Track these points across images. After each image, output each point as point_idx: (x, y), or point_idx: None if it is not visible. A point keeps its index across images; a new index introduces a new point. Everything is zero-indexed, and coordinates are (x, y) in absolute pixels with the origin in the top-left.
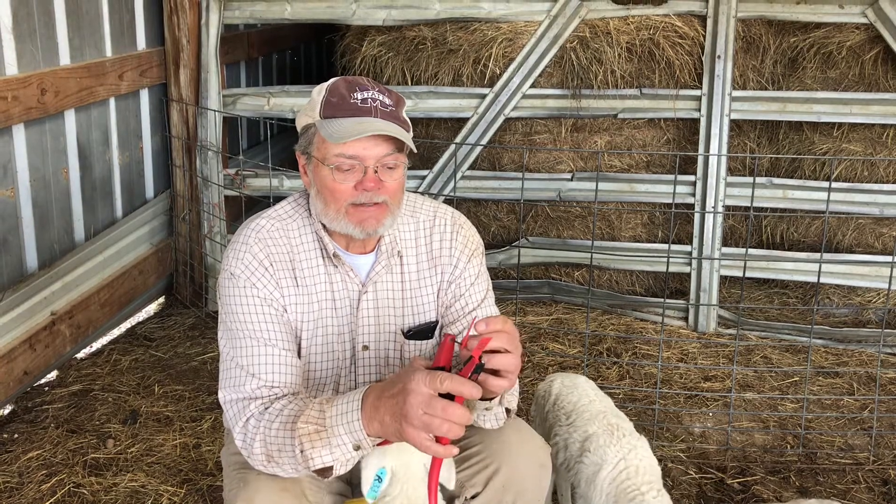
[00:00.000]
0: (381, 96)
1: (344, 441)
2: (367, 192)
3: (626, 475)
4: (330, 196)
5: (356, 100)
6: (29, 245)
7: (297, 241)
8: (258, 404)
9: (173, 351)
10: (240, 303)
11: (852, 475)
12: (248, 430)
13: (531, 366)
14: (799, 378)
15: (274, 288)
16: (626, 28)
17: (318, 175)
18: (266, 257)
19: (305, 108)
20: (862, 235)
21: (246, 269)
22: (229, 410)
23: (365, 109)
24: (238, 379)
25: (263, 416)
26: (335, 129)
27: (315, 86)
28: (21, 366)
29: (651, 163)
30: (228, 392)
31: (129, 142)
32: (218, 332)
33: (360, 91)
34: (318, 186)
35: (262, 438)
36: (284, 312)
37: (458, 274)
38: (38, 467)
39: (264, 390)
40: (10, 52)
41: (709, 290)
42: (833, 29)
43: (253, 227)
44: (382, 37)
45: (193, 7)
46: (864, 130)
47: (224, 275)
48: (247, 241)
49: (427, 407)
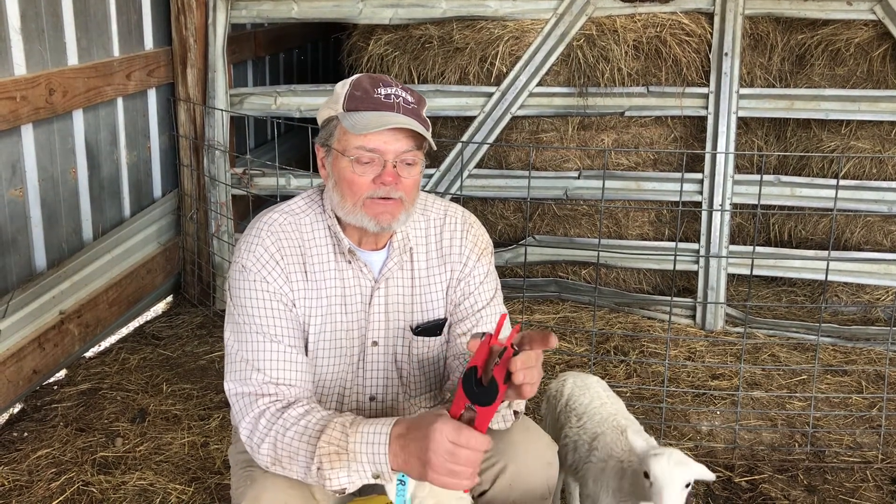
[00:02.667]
0: (404, 94)
1: (364, 469)
2: (385, 187)
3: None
4: (348, 188)
5: (379, 94)
6: (38, 244)
7: (309, 235)
8: (267, 402)
9: (181, 350)
10: (249, 296)
11: (861, 473)
12: (257, 428)
13: None
14: (807, 376)
15: (284, 282)
16: (632, 26)
17: (337, 167)
18: (277, 251)
19: (328, 101)
20: (870, 233)
21: (257, 262)
22: (236, 404)
23: (388, 104)
24: (244, 373)
25: (277, 420)
26: (357, 121)
27: (322, 85)
28: (30, 364)
29: (658, 161)
30: (235, 385)
31: (136, 141)
32: (225, 324)
33: (383, 87)
34: (336, 178)
35: (272, 442)
36: (293, 307)
37: (467, 272)
38: (48, 466)
39: (270, 386)
40: (19, 52)
41: (716, 288)
42: (841, 26)
43: (266, 221)
44: (389, 35)
45: (200, 7)
46: (873, 128)
47: (235, 267)
48: (259, 234)
49: (451, 457)
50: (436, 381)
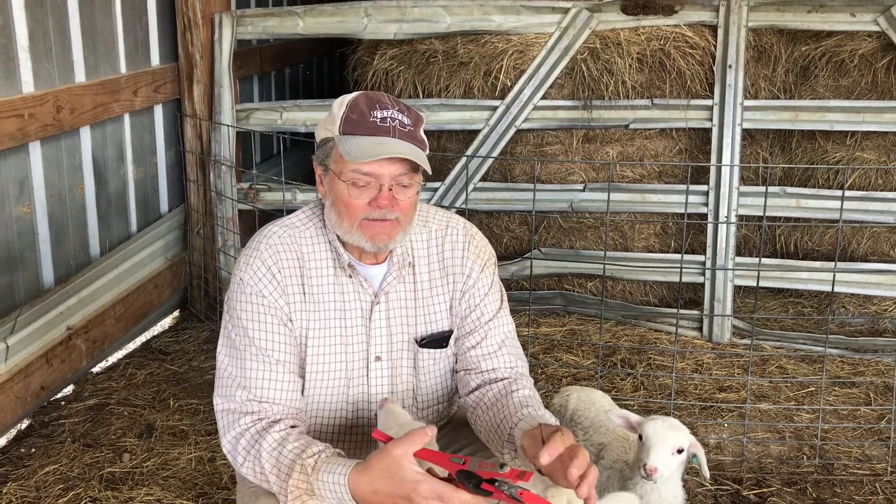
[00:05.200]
0: (401, 115)
1: None
2: (381, 210)
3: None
4: (344, 209)
5: (375, 118)
6: (45, 260)
7: (309, 249)
8: (248, 421)
9: (188, 365)
10: (244, 308)
11: (870, 486)
12: (237, 450)
13: (545, 377)
14: (815, 388)
15: (280, 296)
16: (636, 39)
17: (334, 188)
18: (275, 264)
19: (325, 120)
20: (877, 244)
21: (254, 276)
22: (220, 420)
23: (384, 129)
24: (230, 388)
25: (254, 446)
26: (353, 147)
27: (327, 100)
28: (38, 380)
29: (663, 173)
30: (221, 400)
31: (143, 157)
32: (219, 337)
33: (380, 109)
34: (333, 199)
35: (251, 467)
36: (289, 321)
37: (471, 284)
38: (55, 482)
39: (253, 404)
40: (27, 70)
41: (723, 300)
42: (845, 37)
43: (265, 234)
44: (394, 50)
45: (206, 23)
46: (878, 138)
47: (234, 280)
48: (258, 247)
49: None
50: (444, 393)
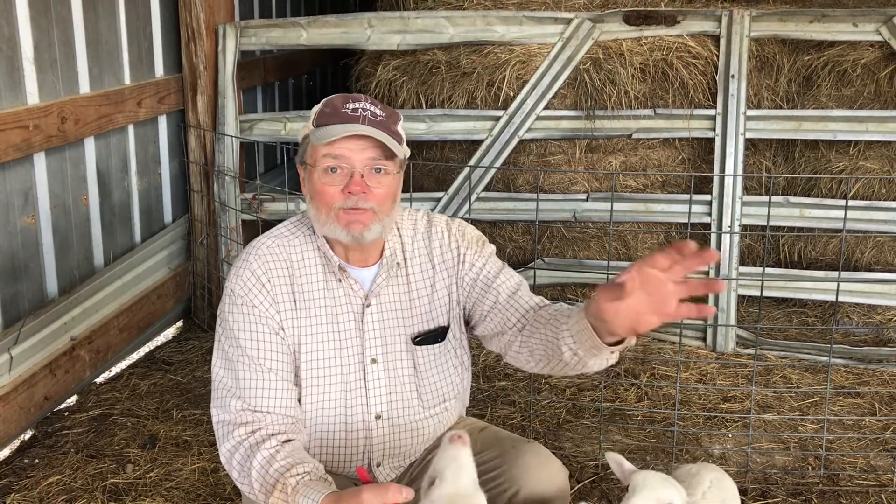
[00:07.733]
0: (373, 107)
1: None
2: (354, 196)
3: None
4: (320, 199)
5: (347, 109)
6: (49, 271)
7: (298, 257)
8: (243, 433)
9: (192, 375)
10: (236, 319)
11: (875, 497)
12: (231, 463)
13: (548, 387)
14: (819, 398)
15: (270, 305)
16: (639, 49)
17: (311, 181)
18: (264, 273)
19: (306, 124)
20: (881, 253)
21: (244, 287)
22: (217, 430)
23: (354, 117)
24: (225, 399)
25: (248, 460)
26: (323, 133)
27: None
28: (41, 391)
29: (666, 183)
30: (217, 411)
31: (147, 168)
32: (214, 349)
33: (352, 102)
34: (311, 192)
35: (243, 482)
36: (281, 330)
37: (466, 262)
38: (59, 493)
39: (247, 414)
40: (32, 82)
41: (727, 310)
42: (847, 47)
43: (254, 246)
44: (397, 61)
45: (210, 35)
46: (881, 148)
47: (225, 292)
48: (247, 258)
49: None
50: (449, 389)
